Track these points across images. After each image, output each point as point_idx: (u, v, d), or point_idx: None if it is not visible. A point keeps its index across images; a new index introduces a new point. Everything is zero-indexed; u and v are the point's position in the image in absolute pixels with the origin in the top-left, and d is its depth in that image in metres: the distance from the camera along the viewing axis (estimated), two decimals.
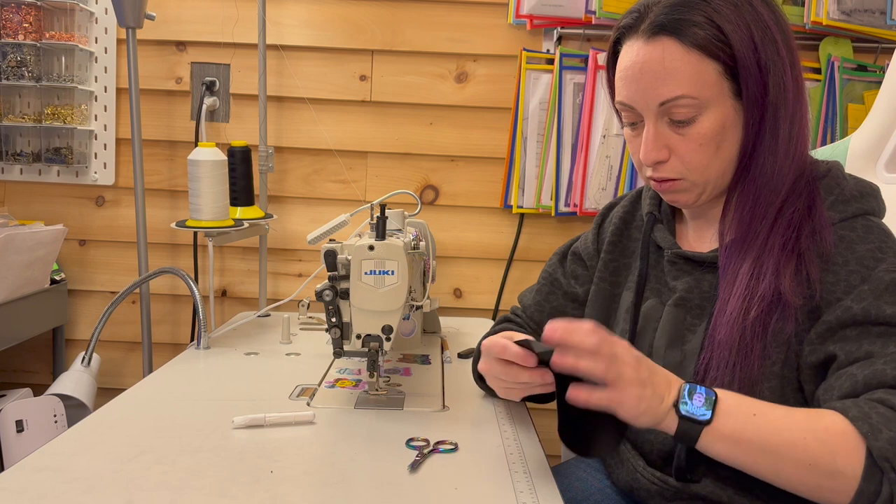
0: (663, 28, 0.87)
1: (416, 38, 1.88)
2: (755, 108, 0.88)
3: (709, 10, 0.86)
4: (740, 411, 0.78)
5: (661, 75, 0.87)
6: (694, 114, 0.87)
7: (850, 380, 0.80)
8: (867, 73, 1.82)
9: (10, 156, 1.86)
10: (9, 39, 1.77)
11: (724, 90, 0.87)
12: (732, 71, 0.87)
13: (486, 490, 0.84)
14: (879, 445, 0.73)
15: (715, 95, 0.87)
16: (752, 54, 0.86)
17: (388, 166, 1.93)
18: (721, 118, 0.88)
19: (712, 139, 0.88)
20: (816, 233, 0.87)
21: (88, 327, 1.96)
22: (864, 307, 0.82)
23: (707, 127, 0.88)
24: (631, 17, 0.91)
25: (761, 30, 0.87)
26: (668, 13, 0.87)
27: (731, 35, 0.85)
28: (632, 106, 0.91)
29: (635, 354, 0.78)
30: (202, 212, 1.53)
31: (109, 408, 1.06)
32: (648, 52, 0.88)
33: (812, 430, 0.75)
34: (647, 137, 0.91)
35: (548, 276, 1.17)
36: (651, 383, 0.78)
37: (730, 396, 0.79)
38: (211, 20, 1.87)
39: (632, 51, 0.90)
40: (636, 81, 0.89)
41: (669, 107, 0.88)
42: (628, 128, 0.95)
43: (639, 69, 0.89)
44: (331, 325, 1.09)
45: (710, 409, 0.77)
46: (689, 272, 0.97)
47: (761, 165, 0.89)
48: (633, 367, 0.77)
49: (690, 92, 0.86)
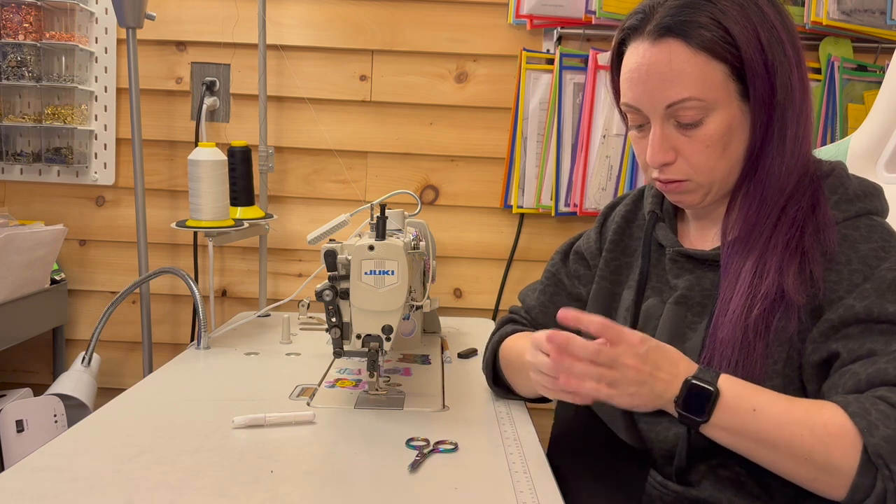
0: (669, 30, 0.86)
1: (416, 38, 1.88)
2: (763, 109, 0.88)
3: (715, 11, 0.86)
4: (740, 407, 0.79)
5: (668, 77, 0.87)
6: (701, 116, 0.87)
7: (854, 377, 0.80)
8: (867, 73, 1.82)
9: (11, 156, 1.86)
10: (9, 39, 1.77)
11: (730, 92, 0.87)
12: (739, 72, 0.87)
13: (486, 490, 0.84)
14: (874, 442, 0.73)
15: (722, 97, 0.87)
16: (759, 55, 0.86)
17: (388, 166, 1.93)
18: (728, 120, 0.88)
19: (719, 141, 0.88)
20: (820, 231, 0.87)
21: (88, 327, 1.96)
22: (866, 305, 0.82)
23: (714, 129, 0.88)
24: (636, 19, 0.91)
25: (768, 30, 0.86)
26: (674, 14, 0.86)
27: (737, 36, 0.85)
28: (638, 108, 0.91)
29: (641, 353, 0.80)
30: (202, 212, 1.53)
31: (109, 408, 1.06)
32: (655, 54, 0.87)
33: (810, 426, 0.77)
34: (653, 140, 0.90)
35: (551, 276, 1.17)
36: (650, 381, 0.80)
37: (732, 390, 0.80)
38: (211, 20, 1.87)
39: (637, 52, 0.90)
40: (642, 83, 0.89)
41: (676, 109, 0.88)
42: (634, 130, 0.95)
43: (645, 71, 0.88)
44: (331, 325, 1.09)
45: (710, 408, 0.79)
46: (691, 270, 0.97)
47: (769, 166, 0.89)
48: (634, 369, 0.80)
49: (697, 94, 0.86)
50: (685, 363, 0.83)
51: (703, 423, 0.80)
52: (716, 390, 0.79)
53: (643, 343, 0.81)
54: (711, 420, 0.79)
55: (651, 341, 0.82)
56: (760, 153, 0.90)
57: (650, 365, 0.80)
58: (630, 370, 0.79)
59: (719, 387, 0.80)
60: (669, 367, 0.81)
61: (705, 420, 0.80)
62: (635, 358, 0.80)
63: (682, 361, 0.83)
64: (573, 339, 0.81)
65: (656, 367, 0.80)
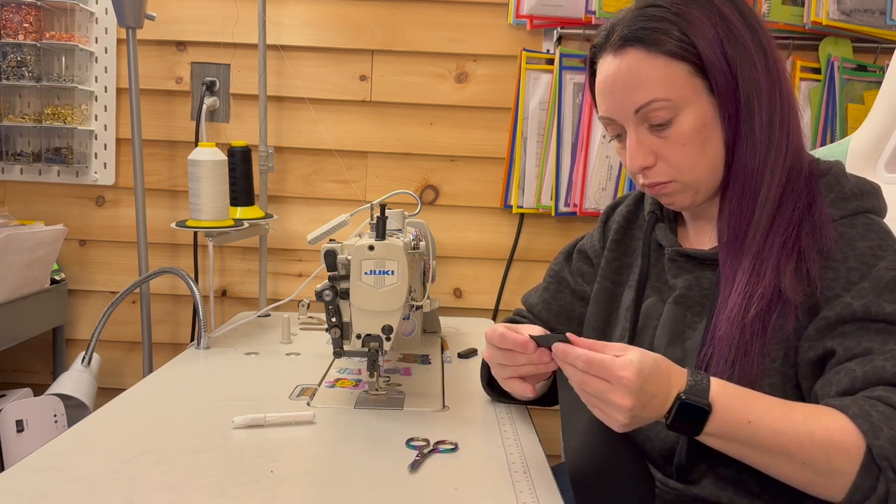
0: (628, 39, 0.90)
1: (416, 38, 1.88)
2: (729, 102, 0.89)
3: (670, 15, 0.89)
4: (734, 419, 0.77)
5: (632, 83, 0.90)
6: (670, 115, 0.89)
7: (849, 375, 0.80)
8: (867, 73, 1.82)
9: (11, 156, 1.86)
10: (9, 39, 1.77)
11: (697, 89, 0.89)
12: (702, 70, 0.89)
13: (486, 490, 0.84)
14: (880, 444, 0.73)
15: (688, 95, 0.89)
16: (718, 50, 0.88)
17: (388, 166, 1.93)
18: (700, 116, 0.89)
19: (694, 138, 0.90)
20: (817, 229, 0.88)
21: (88, 327, 1.96)
22: (864, 304, 0.82)
23: (687, 126, 0.89)
24: (601, 36, 0.95)
25: (725, 26, 0.89)
26: (632, 25, 0.90)
27: (694, 36, 0.88)
28: (612, 118, 0.94)
29: (636, 389, 0.75)
30: (202, 212, 1.53)
31: (109, 408, 1.06)
32: (618, 64, 0.91)
33: (810, 432, 0.76)
34: (630, 145, 0.93)
35: (555, 275, 1.17)
36: (644, 412, 0.77)
37: (726, 403, 0.78)
38: (211, 20, 1.87)
39: (604, 66, 0.93)
40: (611, 94, 0.93)
41: (645, 112, 0.90)
42: (615, 140, 0.98)
43: (611, 82, 0.92)
44: (331, 325, 1.09)
45: (702, 422, 0.77)
46: (690, 270, 0.97)
47: (742, 159, 0.90)
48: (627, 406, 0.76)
49: (662, 95, 0.88)
50: (675, 377, 0.79)
51: (695, 434, 0.79)
52: (708, 406, 0.77)
53: (639, 377, 0.75)
54: (705, 430, 0.78)
55: (646, 367, 0.76)
56: (734, 146, 0.91)
57: (645, 397, 0.76)
58: (624, 407, 0.76)
59: (712, 401, 0.77)
60: (663, 389, 0.78)
61: (697, 434, 0.78)
62: (629, 396, 0.75)
63: (673, 376, 0.79)
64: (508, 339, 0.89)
65: (651, 396, 0.77)
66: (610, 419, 0.78)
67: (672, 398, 0.78)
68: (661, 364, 0.79)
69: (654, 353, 0.80)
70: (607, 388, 0.76)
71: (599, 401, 0.78)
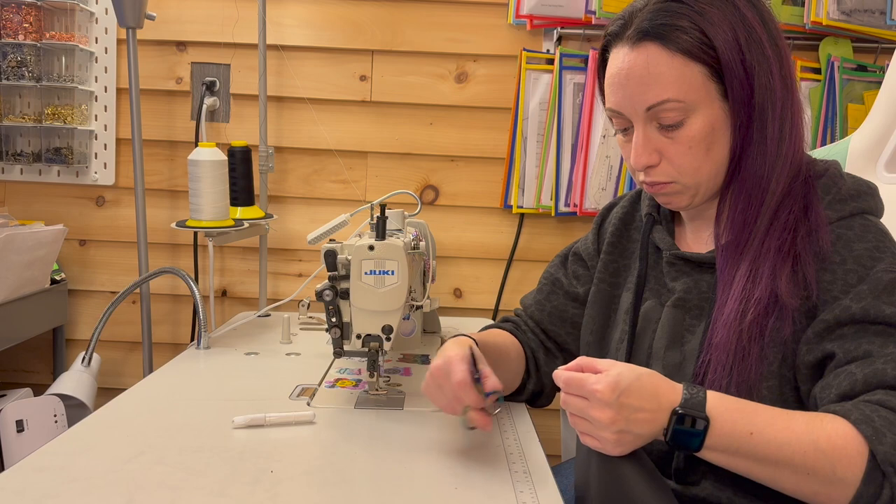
0: (647, 34, 0.88)
1: (416, 38, 1.88)
2: (742, 109, 0.88)
3: (692, 13, 0.87)
4: (735, 432, 0.77)
5: (647, 80, 0.88)
6: (681, 117, 0.88)
7: (849, 378, 0.80)
8: (867, 73, 1.82)
9: (11, 156, 1.86)
10: (9, 39, 1.77)
11: (711, 92, 0.88)
12: (718, 73, 0.87)
13: (486, 490, 0.84)
14: (884, 450, 0.72)
15: (702, 98, 0.87)
16: (737, 56, 0.86)
17: (388, 166, 1.93)
18: (709, 120, 0.88)
19: (702, 141, 0.88)
20: (813, 233, 0.87)
21: (88, 327, 1.96)
22: (863, 307, 0.82)
23: (696, 130, 0.88)
24: (617, 25, 0.92)
25: (746, 31, 0.87)
26: (652, 19, 0.88)
27: (714, 38, 0.86)
28: (621, 112, 0.92)
29: (612, 402, 0.76)
30: (202, 212, 1.53)
31: (109, 408, 1.06)
32: (633, 58, 0.89)
33: (813, 441, 0.75)
34: (636, 142, 0.91)
35: (549, 277, 1.18)
36: (629, 426, 0.77)
37: (725, 413, 0.77)
38: (211, 20, 1.87)
39: (618, 57, 0.91)
40: (623, 87, 0.90)
41: (656, 111, 0.88)
42: (620, 133, 0.96)
43: (625, 75, 0.90)
44: (331, 325, 1.09)
45: (700, 439, 0.77)
46: (688, 273, 0.97)
47: (751, 166, 0.89)
48: (608, 419, 0.76)
49: (676, 95, 0.87)
50: (667, 391, 0.78)
51: (695, 451, 0.78)
52: (705, 419, 0.77)
53: (614, 391, 0.76)
54: (706, 445, 0.77)
55: (623, 382, 0.76)
56: (743, 153, 0.90)
57: (626, 410, 0.76)
58: (603, 422, 0.76)
59: (709, 414, 0.77)
60: (650, 403, 0.77)
61: (697, 448, 0.78)
62: (606, 409, 0.76)
63: (662, 390, 0.78)
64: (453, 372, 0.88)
65: (634, 410, 0.76)
66: (601, 441, 0.78)
67: (665, 412, 0.77)
68: (644, 378, 0.78)
69: (645, 367, 0.80)
70: (586, 404, 0.77)
71: (585, 422, 0.78)
